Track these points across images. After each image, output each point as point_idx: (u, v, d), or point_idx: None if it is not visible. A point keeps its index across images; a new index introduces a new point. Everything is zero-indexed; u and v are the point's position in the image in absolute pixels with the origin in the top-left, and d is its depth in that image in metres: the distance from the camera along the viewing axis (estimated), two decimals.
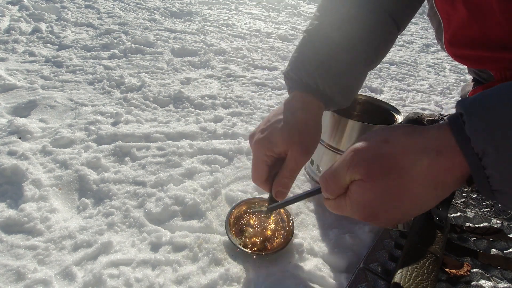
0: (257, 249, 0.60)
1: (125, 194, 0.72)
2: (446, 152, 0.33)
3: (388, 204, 0.36)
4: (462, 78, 1.77)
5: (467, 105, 0.32)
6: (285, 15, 2.80)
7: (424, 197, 0.35)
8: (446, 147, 0.33)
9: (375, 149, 0.36)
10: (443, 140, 0.33)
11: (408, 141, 0.35)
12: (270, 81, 1.40)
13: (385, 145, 0.35)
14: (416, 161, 0.34)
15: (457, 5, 0.60)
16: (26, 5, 2.01)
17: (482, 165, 0.31)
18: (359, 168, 0.36)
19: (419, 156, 0.34)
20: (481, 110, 0.31)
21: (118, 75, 1.28)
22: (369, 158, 0.36)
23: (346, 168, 0.37)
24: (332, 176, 0.39)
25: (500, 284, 0.53)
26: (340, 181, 0.38)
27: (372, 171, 0.35)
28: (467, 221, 0.67)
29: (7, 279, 0.52)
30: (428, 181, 0.34)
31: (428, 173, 0.34)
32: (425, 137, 0.34)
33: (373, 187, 0.35)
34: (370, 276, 0.53)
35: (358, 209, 0.38)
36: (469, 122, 0.32)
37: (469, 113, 0.32)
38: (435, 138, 0.34)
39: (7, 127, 0.90)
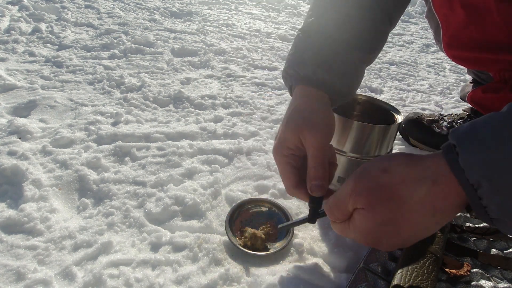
0: (257, 249, 0.60)
1: (125, 194, 0.72)
2: (442, 181, 0.34)
3: (389, 231, 0.37)
4: (462, 78, 1.77)
5: (459, 136, 0.33)
6: (285, 15, 2.80)
7: (423, 224, 0.37)
8: (442, 176, 0.34)
9: (375, 179, 0.37)
10: (439, 169, 0.34)
11: (405, 171, 0.36)
12: (270, 81, 1.40)
13: (384, 175, 0.37)
14: (414, 190, 0.35)
15: (455, 7, 0.61)
16: (26, 5, 2.01)
17: (478, 196, 0.32)
18: (360, 197, 0.38)
19: (416, 185, 0.35)
20: (473, 144, 0.32)
21: (118, 75, 1.28)
22: (368, 188, 0.37)
23: (348, 197, 0.39)
24: (335, 204, 0.41)
25: (500, 284, 0.53)
26: (344, 209, 0.40)
27: (372, 201, 0.37)
28: (467, 221, 0.67)
29: (7, 279, 0.52)
30: (426, 209, 0.35)
31: (426, 201, 0.35)
32: (422, 167, 0.36)
33: (374, 216, 0.37)
34: (370, 276, 0.53)
35: (361, 236, 0.40)
36: (462, 155, 0.32)
37: (461, 146, 0.33)
38: (431, 167, 0.35)
39: (7, 127, 0.90)
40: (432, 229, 0.38)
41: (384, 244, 0.39)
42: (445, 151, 0.35)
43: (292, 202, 0.73)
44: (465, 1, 0.58)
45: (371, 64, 0.62)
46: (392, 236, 0.38)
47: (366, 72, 0.64)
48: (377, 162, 0.39)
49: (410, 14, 3.39)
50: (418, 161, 0.36)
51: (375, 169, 0.38)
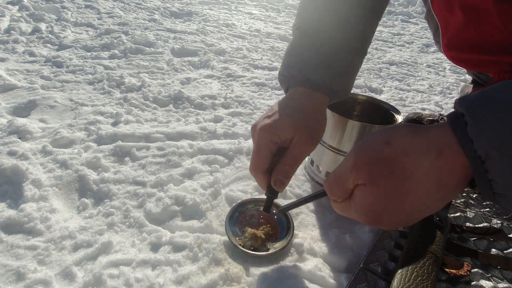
0: (257, 249, 0.60)
1: (125, 194, 0.72)
2: (448, 153, 0.32)
3: (391, 207, 0.36)
4: (462, 78, 1.77)
5: (469, 105, 0.31)
6: (285, 15, 2.80)
7: (427, 199, 0.35)
8: (447, 148, 0.32)
9: (376, 152, 0.35)
10: (444, 140, 0.33)
11: (408, 143, 0.34)
12: (270, 81, 1.40)
13: (386, 148, 0.35)
14: (417, 162, 0.33)
15: (454, 9, 0.61)
16: (26, 5, 2.01)
17: (485, 169, 0.30)
18: (361, 172, 0.36)
19: (420, 158, 0.33)
20: (484, 111, 0.30)
21: (118, 75, 1.28)
22: (370, 162, 0.35)
23: (349, 173, 0.37)
24: (335, 181, 0.39)
25: (500, 284, 0.53)
26: (344, 186, 0.38)
27: (374, 175, 0.35)
28: (467, 221, 0.67)
29: (7, 279, 0.52)
30: (430, 183, 0.33)
31: (430, 175, 0.33)
32: (426, 138, 0.34)
33: (376, 191, 0.35)
34: (370, 276, 0.53)
35: (362, 213, 0.38)
36: (471, 124, 0.30)
37: (471, 114, 0.31)
38: (436, 138, 0.33)
39: (7, 127, 0.90)
40: (435, 206, 0.36)
41: (386, 221, 0.37)
42: (452, 120, 0.33)
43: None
44: (464, 3, 0.58)
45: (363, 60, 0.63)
46: (394, 211, 0.36)
47: (366, 72, 0.64)
48: (379, 134, 0.37)
49: (410, 14, 3.39)
50: (422, 132, 0.35)
51: (377, 141, 0.36)
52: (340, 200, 0.41)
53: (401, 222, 0.37)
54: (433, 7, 0.66)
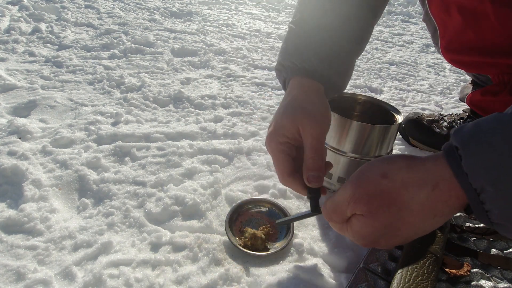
0: (257, 249, 0.60)
1: (125, 194, 0.72)
2: (443, 185, 0.33)
3: (388, 235, 0.37)
4: (462, 78, 1.77)
5: (463, 139, 0.32)
6: (285, 15, 2.80)
7: (422, 226, 0.36)
8: (443, 180, 0.33)
9: (374, 186, 0.37)
10: (440, 173, 0.34)
11: (406, 176, 0.36)
12: (270, 81, 1.40)
13: (383, 181, 0.36)
14: (414, 195, 0.35)
15: (452, 12, 0.61)
16: (26, 5, 2.01)
17: (481, 200, 0.31)
18: (359, 204, 0.37)
19: (417, 190, 0.34)
20: (477, 147, 0.31)
21: (118, 75, 1.28)
22: (368, 194, 0.37)
23: (347, 204, 0.38)
24: (333, 210, 0.41)
25: (500, 284, 0.53)
26: (342, 214, 0.40)
27: (372, 207, 0.36)
28: (467, 221, 0.67)
29: (7, 279, 0.52)
30: (426, 212, 0.35)
31: (426, 205, 0.34)
32: (422, 171, 0.35)
33: (374, 222, 0.37)
34: (370, 276, 0.53)
35: (359, 239, 0.40)
36: (465, 158, 0.31)
37: (465, 148, 0.32)
38: (432, 171, 0.34)
39: (7, 127, 0.90)
40: (430, 229, 0.37)
41: (382, 245, 0.39)
42: (447, 154, 0.34)
43: (292, 202, 0.73)
44: (462, 6, 0.58)
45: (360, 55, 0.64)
46: (391, 238, 0.38)
47: (366, 72, 0.64)
48: (375, 167, 0.38)
49: (410, 14, 3.39)
50: (418, 164, 0.36)
51: (374, 174, 0.37)
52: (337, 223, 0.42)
53: (396, 244, 0.40)
54: (431, 10, 0.66)
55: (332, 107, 0.70)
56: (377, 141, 0.69)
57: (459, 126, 0.34)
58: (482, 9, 0.55)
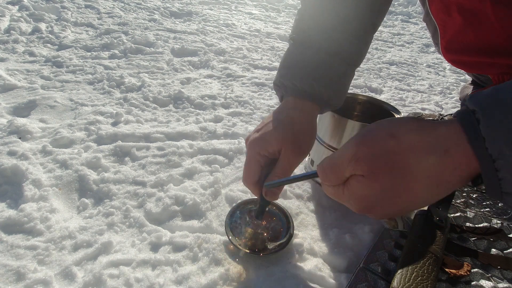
0: (257, 249, 0.60)
1: (125, 194, 0.72)
2: (455, 151, 0.31)
3: (386, 200, 0.35)
4: (462, 78, 1.77)
5: (481, 102, 0.30)
6: (285, 15, 2.80)
7: (424, 195, 0.34)
8: (455, 146, 0.31)
9: (380, 145, 0.34)
10: (452, 138, 0.32)
11: (415, 139, 0.33)
12: (270, 81, 1.40)
13: (390, 141, 0.34)
14: (421, 160, 0.32)
15: (452, 12, 0.61)
16: (26, 5, 2.01)
17: (495, 167, 0.29)
18: (361, 164, 0.35)
19: (425, 155, 0.32)
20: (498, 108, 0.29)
21: (118, 75, 1.28)
22: (372, 154, 0.34)
23: (347, 162, 0.36)
24: (331, 168, 0.38)
25: (500, 284, 0.53)
26: (340, 173, 0.37)
27: (374, 168, 0.34)
28: (467, 221, 0.67)
29: (7, 279, 0.52)
30: (431, 180, 0.33)
31: (432, 172, 0.32)
32: (433, 135, 0.33)
33: (374, 183, 0.34)
34: (370, 276, 0.53)
35: (355, 201, 0.37)
36: (484, 121, 0.29)
37: (484, 111, 0.29)
38: (444, 136, 0.32)
39: (7, 127, 0.90)
40: (430, 200, 0.35)
41: (377, 212, 0.37)
42: (462, 117, 0.31)
43: (292, 202, 0.73)
44: (462, 6, 0.58)
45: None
46: (388, 204, 0.35)
47: (366, 72, 0.65)
48: (384, 126, 0.35)
49: (410, 14, 3.39)
50: (430, 128, 0.33)
51: (381, 133, 0.35)
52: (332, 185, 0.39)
53: (392, 214, 0.37)
54: (431, 10, 0.66)
55: None
56: None
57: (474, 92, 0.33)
58: (482, 9, 0.55)
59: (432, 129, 0.33)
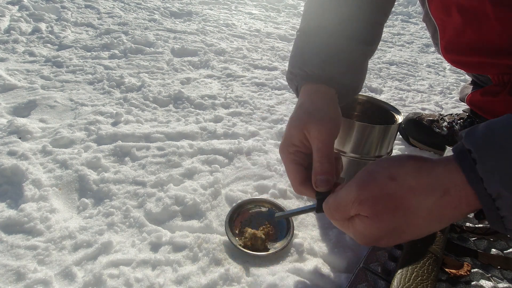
0: (257, 249, 0.60)
1: (125, 194, 0.72)
2: (454, 191, 0.32)
3: (391, 236, 0.37)
4: (462, 78, 1.77)
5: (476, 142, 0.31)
6: (285, 15, 2.80)
7: (427, 229, 0.36)
8: (454, 186, 0.32)
9: (381, 188, 0.35)
10: (451, 178, 0.32)
11: (414, 181, 0.34)
12: (270, 81, 1.40)
13: (391, 183, 0.35)
14: (422, 200, 0.33)
15: (451, 12, 0.61)
16: (26, 5, 2.01)
17: (496, 206, 0.30)
18: (364, 206, 0.36)
19: (425, 196, 0.33)
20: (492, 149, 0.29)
21: (118, 75, 1.28)
22: (374, 197, 0.35)
23: (351, 204, 0.37)
24: (336, 208, 0.40)
25: (500, 284, 0.53)
26: (344, 213, 0.39)
27: (377, 210, 0.35)
28: (467, 221, 0.67)
29: (7, 279, 0.52)
30: (433, 217, 0.34)
31: (434, 211, 0.33)
32: (433, 175, 0.34)
33: (378, 224, 0.36)
34: (370, 276, 0.53)
35: (360, 238, 0.39)
36: (480, 162, 0.30)
37: (479, 152, 0.30)
38: (442, 177, 0.33)
39: (7, 127, 0.90)
40: (434, 231, 0.37)
41: (382, 245, 0.39)
42: (459, 157, 0.32)
43: (292, 202, 0.73)
44: (461, 6, 0.58)
45: (372, 56, 0.63)
46: (393, 239, 0.37)
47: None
48: (384, 168, 0.36)
49: (410, 14, 3.39)
50: (428, 168, 0.34)
51: (382, 176, 0.36)
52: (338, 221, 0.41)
53: (398, 243, 0.39)
54: (431, 10, 0.66)
55: None
56: (377, 141, 0.69)
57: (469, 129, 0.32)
58: (482, 9, 0.55)
59: (431, 169, 0.34)
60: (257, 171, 0.83)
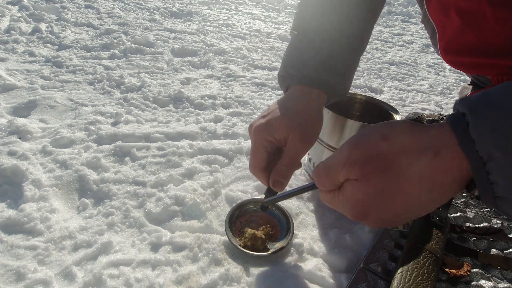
0: (257, 249, 0.60)
1: (125, 194, 0.72)
2: (445, 153, 0.31)
3: (381, 205, 0.35)
4: (462, 78, 1.77)
5: (471, 104, 0.30)
6: (285, 15, 2.80)
7: (418, 199, 0.34)
8: (446, 148, 0.31)
9: (372, 147, 0.34)
10: (443, 140, 0.32)
11: (407, 140, 0.33)
12: (270, 81, 1.40)
13: (383, 143, 0.34)
14: (413, 161, 0.32)
15: (450, 13, 0.61)
16: (26, 5, 2.01)
17: (487, 170, 0.29)
18: (354, 167, 0.35)
19: (417, 156, 0.32)
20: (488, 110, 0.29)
21: (118, 75, 1.28)
22: (365, 157, 0.34)
23: (341, 166, 0.36)
24: (325, 172, 0.38)
25: (500, 284, 0.53)
26: (334, 177, 0.37)
27: (367, 171, 0.34)
28: (467, 221, 0.67)
29: (7, 279, 0.52)
30: (424, 183, 0.33)
31: (425, 174, 0.32)
32: (425, 136, 0.33)
33: (367, 187, 0.34)
34: (370, 276, 0.53)
35: (349, 207, 0.37)
36: (474, 123, 0.29)
37: (474, 112, 0.30)
38: (435, 138, 0.32)
39: (7, 127, 0.90)
40: (426, 208, 0.35)
41: (372, 218, 0.36)
42: (452, 120, 0.31)
43: (292, 202, 0.73)
44: (460, 7, 0.58)
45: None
46: (383, 210, 0.35)
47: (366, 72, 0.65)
48: (377, 128, 0.36)
49: (410, 14, 3.39)
50: (421, 130, 0.34)
51: (374, 136, 0.35)
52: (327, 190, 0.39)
53: (388, 222, 0.37)
54: (429, 11, 0.66)
55: (332, 106, 0.71)
56: None
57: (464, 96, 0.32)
58: (480, 11, 0.55)
59: (423, 131, 0.33)
60: None
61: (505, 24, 0.55)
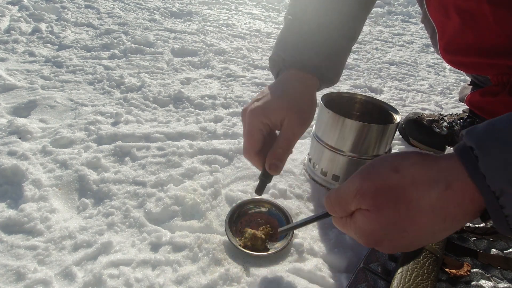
0: (257, 250, 0.60)
1: (125, 194, 0.72)
2: (457, 186, 0.31)
3: (393, 234, 0.35)
4: (462, 78, 1.77)
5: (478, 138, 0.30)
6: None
7: (431, 229, 0.34)
8: (457, 181, 0.31)
9: (383, 179, 0.35)
10: (453, 172, 0.32)
11: (417, 173, 0.33)
12: (270, 81, 1.40)
13: (394, 175, 0.34)
14: (425, 193, 0.32)
15: (450, 13, 0.61)
16: (26, 5, 2.01)
17: (500, 204, 0.29)
18: (365, 198, 0.35)
19: (428, 189, 0.32)
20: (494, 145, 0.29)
21: (118, 75, 1.28)
22: (376, 188, 0.35)
23: (352, 196, 0.36)
24: (337, 201, 0.39)
25: (500, 284, 0.53)
26: (345, 206, 0.38)
27: (379, 203, 0.34)
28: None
29: (7, 279, 0.52)
30: (436, 214, 0.33)
31: (436, 206, 0.32)
32: (436, 169, 0.33)
33: (379, 218, 0.34)
34: (370, 276, 0.53)
35: (362, 236, 0.37)
36: (482, 159, 0.29)
37: (481, 148, 0.30)
38: (445, 170, 0.32)
39: (7, 127, 0.90)
40: (439, 236, 0.35)
41: (385, 246, 0.37)
42: (461, 153, 0.31)
43: (292, 202, 0.73)
44: (459, 8, 0.58)
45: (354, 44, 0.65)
46: (396, 239, 0.35)
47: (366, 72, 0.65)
48: (388, 160, 0.36)
49: (410, 14, 3.39)
50: (432, 162, 0.34)
51: (385, 168, 0.35)
52: (339, 217, 0.40)
53: (401, 248, 0.37)
54: (429, 11, 0.66)
55: (331, 106, 0.71)
56: (375, 140, 0.69)
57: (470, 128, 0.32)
58: (479, 11, 0.55)
59: (434, 163, 0.33)
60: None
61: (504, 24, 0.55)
